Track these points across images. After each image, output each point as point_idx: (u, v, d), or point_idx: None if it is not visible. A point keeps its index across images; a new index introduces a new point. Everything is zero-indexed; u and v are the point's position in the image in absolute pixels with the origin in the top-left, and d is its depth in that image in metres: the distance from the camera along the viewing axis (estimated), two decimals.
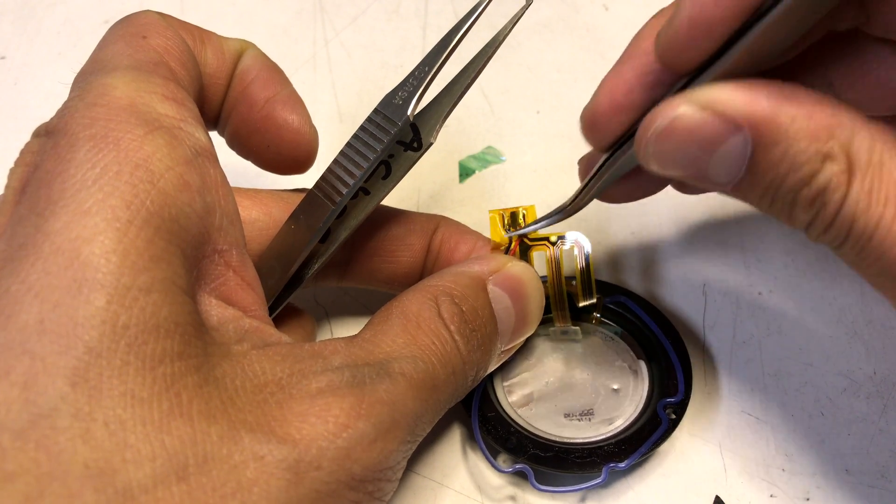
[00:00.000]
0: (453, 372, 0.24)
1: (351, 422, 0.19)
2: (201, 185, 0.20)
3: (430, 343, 0.23)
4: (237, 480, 0.17)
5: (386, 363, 0.22)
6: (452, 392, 0.24)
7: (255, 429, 0.18)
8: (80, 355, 0.16)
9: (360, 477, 0.19)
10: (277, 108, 0.27)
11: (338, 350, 0.22)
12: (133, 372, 0.17)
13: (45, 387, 0.16)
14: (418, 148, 0.27)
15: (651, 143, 0.22)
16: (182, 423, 0.17)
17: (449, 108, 0.27)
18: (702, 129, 0.20)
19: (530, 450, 0.28)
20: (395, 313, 0.24)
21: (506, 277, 0.27)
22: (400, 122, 0.25)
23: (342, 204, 0.26)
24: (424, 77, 0.26)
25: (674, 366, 0.30)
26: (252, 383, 0.19)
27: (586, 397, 0.30)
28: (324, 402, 0.19)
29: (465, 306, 0.25)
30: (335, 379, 0.20)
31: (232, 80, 0.27)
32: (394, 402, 0.21)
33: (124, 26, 0.24)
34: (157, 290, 0.18)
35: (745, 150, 0.20)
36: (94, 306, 0.17)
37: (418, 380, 0.22)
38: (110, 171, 0.18)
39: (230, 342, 0.20)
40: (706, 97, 0.20)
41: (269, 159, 0.29)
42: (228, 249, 0.22)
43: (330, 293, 0.34)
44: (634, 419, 0.29)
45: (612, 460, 0.28)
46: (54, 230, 0.17)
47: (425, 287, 0.25)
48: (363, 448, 0.19)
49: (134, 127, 0.19)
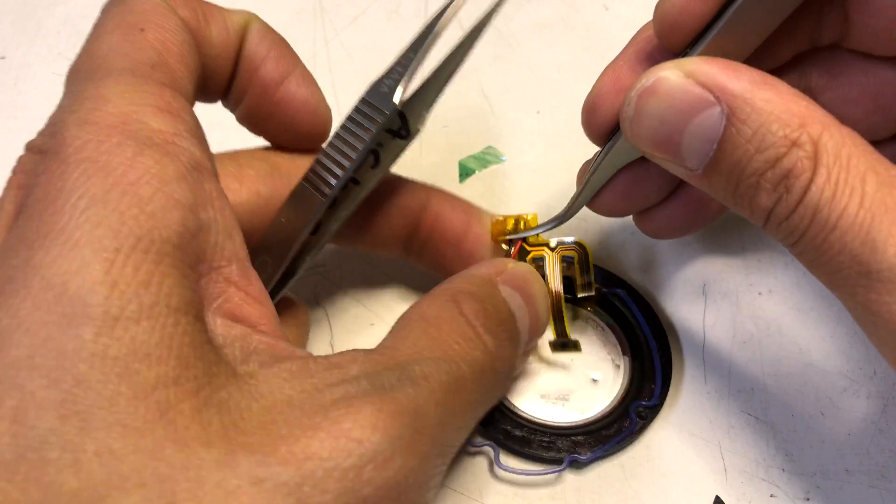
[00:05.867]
0: (482, 370, 0.23)
1: (366, 435, 0.18)
2: (194, 201, 0.20)
3: (454, 342, 0.22)
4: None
5: (407, 367, 0.21)
6: (484, 394, 0.23)
7: (257, 451, 0.17)
8: (69, 388, 0.16)
9: (372, 499, 0.18)
10: (293, 89, 0.27)
11: (356, 359, 0.20)
12: (124, 402, 0.17)
13: (35, 420, 0.16)
14: (406, 136, 0.27)
15: (633, 102, 0.22)
16: (175, 449, 0.17)
17: (436, 95, 0.27)
18: (682, 94, 0.21)
19: (501, 425, 0.29)
20: (413, 318, 0.23)
21: (512, 276, 0.27)
22: (388, 111, 0.25)
23: (333, 196, 0.26)
24: (409, 64, 0.25)
25: (655, 370, 0.30)
26: (259, 405, 0.18)
27: (566, 382, 0.30)
28: (336, 415, 0.18)
29: (487, 303, 0.24)
30: (352, 389, 0.19)
31: (240, 57, 0.27)
32: (416, 409, 0.19)
33: (121, 12, 0.23)
34: (146, 316, 0.18)
35: (718, 124, 0.21)
36: (82, 339, 0.17)
37: (443, 383, 0.21)
38: (98, 199, 0.18)
39: (236, 363, 0.20)
40: (691, 66, 0.21)
41: (284, 138, 0.29)
42: (228, 265, 0.21)
43: (330, 293, 0.34)
44: (606, 413, 0.30)
45: (577, 450, 0.28)
46: (43, 264, 0.17)
47: (440, 291, 0.25)
48: (376, 466, 0.18)
49: (125, 148, 0.19)
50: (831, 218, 0.20)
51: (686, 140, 0.22)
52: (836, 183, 0.20)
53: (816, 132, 0.20)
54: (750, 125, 0.20)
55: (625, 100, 0.23)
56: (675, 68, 0.22)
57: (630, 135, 0.23)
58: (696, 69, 0.21)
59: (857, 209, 0.20)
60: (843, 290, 0.21)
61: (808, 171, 0.20)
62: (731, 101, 0.21)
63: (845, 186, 0.20)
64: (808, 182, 0.20)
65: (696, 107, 0.21)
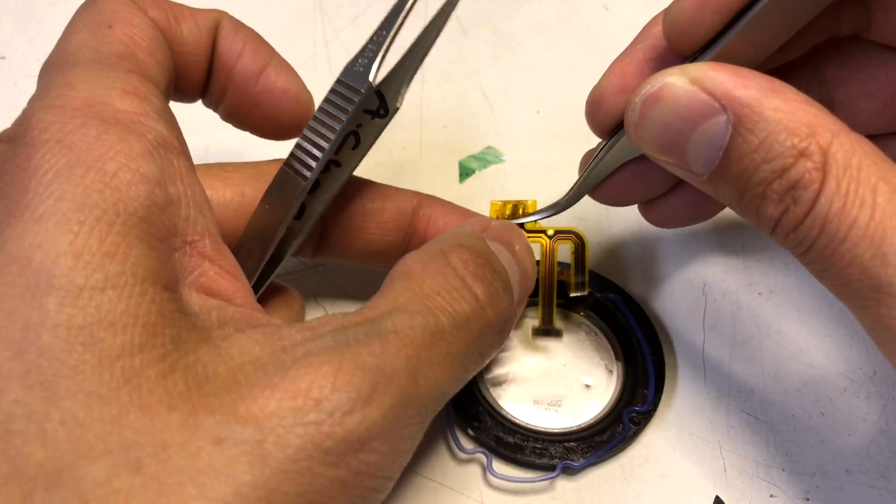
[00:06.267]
0: (467, 320, 0.22)
1: (323, 394, 0.18)
2: (161, 176, 0.20)
3: (435, 293, 0.22)
4: (195, 467, 0.17)
5: (378, 322, 0.20)
6: (471, 345, 0.22)
7: (218, 411, 0.17)
8: (33, 359, 0.16)
9: (335, 451, 0.18)
10: (272, 79, 0.28)
11: (332, 321, 0.20)
12: (89, 370, 0.17)
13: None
14: (385, 114, 0.27)
15: (637, 108, 0.22)
16: (140, 415, 0.17)
17: (412, 71, 0.27)
18: (687, 101, 0.21)
19: (493, 431, 0.29)
20: (397, 275, 0.23)
21: (497, 232, 0.26)
22: (363, 90, 0.25)
23: (313, 178, 0.26)
24: (383, 42, 0.25)
25: (648, 375, 0.30)
26: (227, 366, 0.18)
27: (558, 388, 0.30)
28: (295, 374, 0.18)
29: (477, 253, 0.23)
30: (314, 347, 0.19)
31: (215, 54, 0.27)
32: (379, 364, 0.19)
33: (90, 13, 0.23)
34: (111, 285, 0.18)
35: (724, 132, 0.20)
36: (46, 310, 0.17)
37: (415, 334, 0.20)
38: (62, 175, 0.18)
39: (212, 328, 0.20)
40: (697, 72, 0.21)
41: (269, 129, 0.29)
42: (200, 240, 0.21)
43: (330, 293, 0.34)
44: (599, 419, 0.29)
45: (569, 457, 0.28)
46: (8, 240, 0.18)
47: (427, 246, 0.24)
48: (335, 420, 0.18)
49: (89, 128, 0.19)
50: (841, 230, 0.20)
51: (691, 147, 0.22)
52: (846, 194, 0.20)
53: (826, 141, 0.20)
54: (757, 134, 0.20)
55: (629, 104, 0.23)
56: (681, 74, 0.21)
57: (634, 138, 0.23)
58: (703, 76, 0.21)
59: (867, 221, 0.19)
60: (854, 303, 0.21)
61: (816, 182, 0.20)
62: (737, 110, 0.20)
63: (855, 197, 0.19)
64: (817, 193, 0.20)
65: (702, 114, 0.21)
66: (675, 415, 0.30)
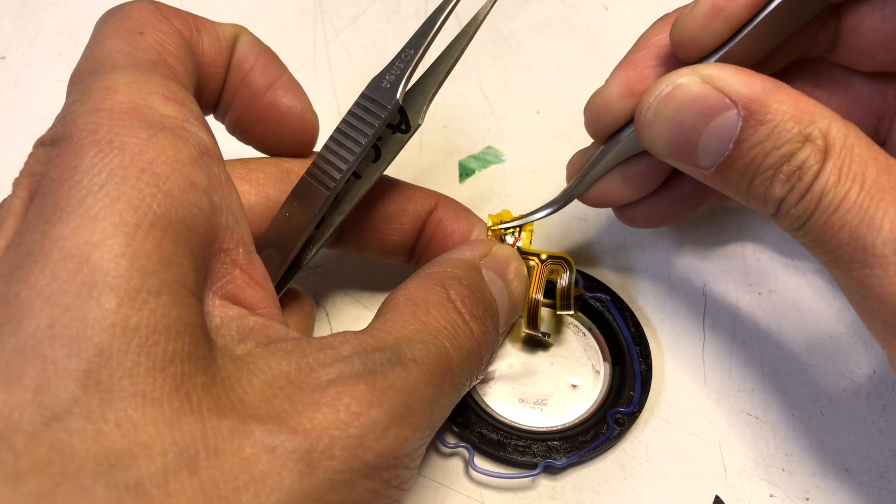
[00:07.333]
0: (468, 355, 0.24)
1: (363, 410, 0.19)
2: (207, 184, 0.20)
3: (442, 327, 0.23)
4: (249, 472, 0.17)
5: (397, 349, 0.21)
6: (468, 375, 0.24)
7: (266, 421, 0.18)
8: (90, 357, 0.17)
9: (374, 465, 0.19)
10: (279, 95, 0.28)
11: (347, 340, 0.21)
12: (144, 373, 0.17)
13: (57, 390, 0.16)
14: (407, 130, 0.27)
15: (652, 108, 0.24)
16: (193, 419, 0.17)
17: (435, 89, 0.27)
18: (701, 99, 0.23)
19: (477, 427, 0.29)
20: (402, 301, 0.24)
21: (495, 260, 0.27)
22: (390, 106, 0.25)
23: (337, 190, 0.26)
24: (411, 60, 0.26)
25: (635, 377, 0.30)
26: (259, 380, 0.19)
27: (544, 387, 0.30)
28: (335, 392, 0.19)
29: (473, 290, 0.25)
30: (345, 368, 0.20)
31: (230, 67, 0.27)
32: (407, 387, 0.21)
33: (119, 20, 0.23)
34: (166, 292, 0.18)
35: (735, 125, 0.23)
36: (104, 309, 0.17)
37: (431, 364, 0.22)
38: (116, 175, 0.18)
39: (233, 343, 0.20)
40: (708, 72, 0.23)
41: (271, 145, 0.29)
42: (235, 248, 0.22)
43: (330, 293, 0.34)
44: (584, 419, 0.30)
45: (552, 455, 0.28)
46: (62, 236, 0.17)
47: (428, 273, 0.25)
48: (376, 436, 0.19)
49: (138, 130, 0.19)
50: (835, 200, 0.22)
51: (703, 141, 0.23)
52: (842, 169, 0.22)
53: (825, 126, 0.22)
54: (767, 125, 0.22)
55: (642, 105, 0.25)
56: (693, 74, 0.23)
57: (647, 137, 0.25)
58: (714, 74, 0.23)
59: (858, 191, 0.22)
60: (840, 267, 0.23)
61: (818, 163, 0.22)
62: (747, 104, 0.23)
63: (849, 172, 0.22)
64: (819, 170, 0.22)
65: (715, 109, 0.23)
66: (676, 415, 0.30)
